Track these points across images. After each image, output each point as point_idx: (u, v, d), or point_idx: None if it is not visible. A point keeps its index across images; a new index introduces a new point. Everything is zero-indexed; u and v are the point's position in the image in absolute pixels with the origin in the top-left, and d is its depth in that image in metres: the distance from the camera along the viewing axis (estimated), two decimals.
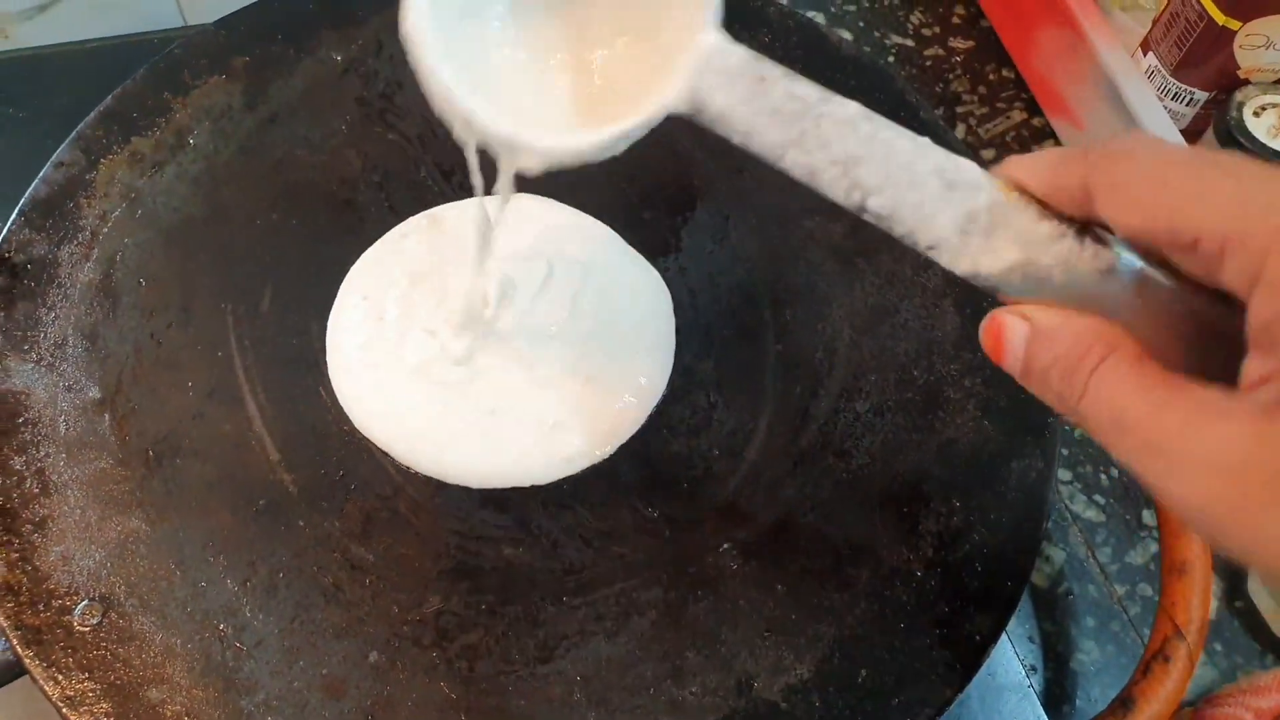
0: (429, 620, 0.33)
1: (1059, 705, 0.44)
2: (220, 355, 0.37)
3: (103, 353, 0.36)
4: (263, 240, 0.39)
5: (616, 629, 0.33)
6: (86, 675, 0.31)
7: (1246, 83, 0.50)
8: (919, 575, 0.35)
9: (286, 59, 0.43)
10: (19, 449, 0.34)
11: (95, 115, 0.40)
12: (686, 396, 0.38)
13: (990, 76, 0.61)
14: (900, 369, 0.39)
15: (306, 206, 0.40)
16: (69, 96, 0.52)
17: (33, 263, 0.37)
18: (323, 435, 0.36)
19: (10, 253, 0.37)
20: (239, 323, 0.38)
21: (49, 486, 0.34)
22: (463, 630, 0.33)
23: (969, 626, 0.34)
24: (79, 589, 0.32)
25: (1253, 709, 0.39)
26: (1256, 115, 0.49)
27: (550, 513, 0.35)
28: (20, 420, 0.34)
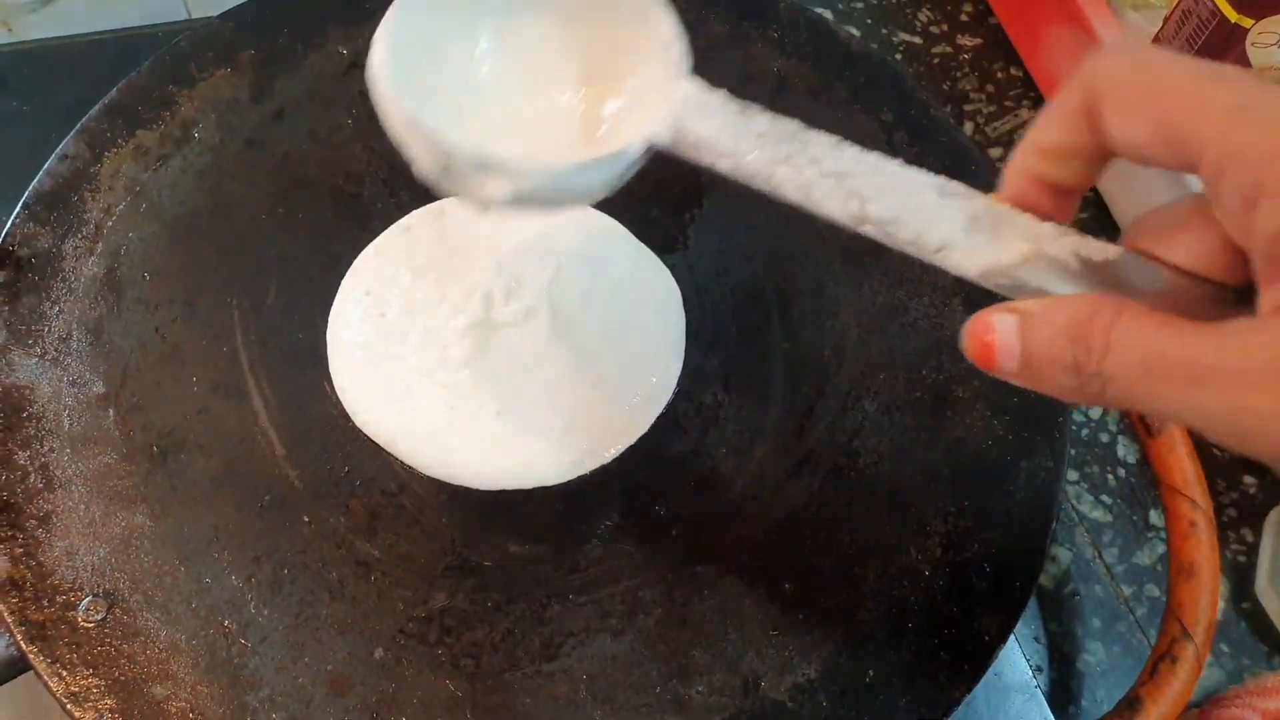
0: (434, 617, 0.33)
1: (1065, 706, 0.44)
2: (225, 350, 0.37)
3: (107, 347, 0.36)
4: (268, 235, 0.39)
5: (622, 627, 0.33)
6: (91, 671, 0.31)
7: None
8: (927, 575, 0.35)
9: (293, 52, 0.43)
10: (23, 443, 0.34)
11: (100, 108, 0.40)
12: (693, 395, 0.37)
13: (998, 74, 0.61)
14: (909, 368, 0.39)
15: (312, 201, 0.40)
16: (74, 89, 0.52)
17: (37, 256, 0.37)
18: (328, 431, 0.36)
19: (14, 246, 0.37)
20: (244, 317, 0.37)
21: (53, 481, 0.33)
22: (468, 627, 0.33)
23: (977, 627, 0.34)
24: (83, 584, 0.32)
25: (1259, 710, 0.39)
26: None
27: (556, 511, 0.35)
28: (25, 415, 0.34)
